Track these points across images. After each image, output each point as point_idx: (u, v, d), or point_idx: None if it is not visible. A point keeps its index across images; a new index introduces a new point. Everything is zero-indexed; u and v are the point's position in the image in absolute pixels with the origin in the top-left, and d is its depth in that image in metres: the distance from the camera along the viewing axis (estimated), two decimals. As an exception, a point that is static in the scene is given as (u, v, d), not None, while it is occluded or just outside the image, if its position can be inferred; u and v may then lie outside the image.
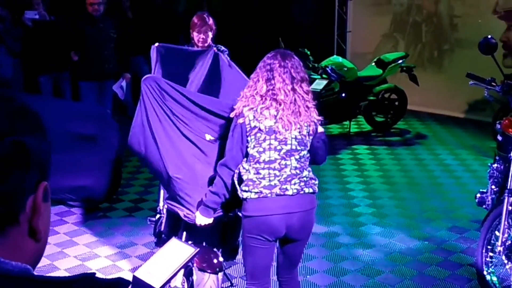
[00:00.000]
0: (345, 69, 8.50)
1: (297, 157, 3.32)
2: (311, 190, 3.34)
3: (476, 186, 6.02)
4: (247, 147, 3.33)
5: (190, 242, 3.54)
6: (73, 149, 5.90)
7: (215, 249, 3.75)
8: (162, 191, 4.64)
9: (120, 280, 0.99)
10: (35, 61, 7.77)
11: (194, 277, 3.62)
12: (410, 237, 5.50)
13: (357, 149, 8.36)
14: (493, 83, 4.93)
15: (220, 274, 3.69)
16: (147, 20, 9.38)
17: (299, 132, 3.32)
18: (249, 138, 3.31)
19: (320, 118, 3.42)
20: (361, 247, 5.29)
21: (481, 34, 5.64)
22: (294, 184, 3.28)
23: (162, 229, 4.16)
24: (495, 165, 4.79)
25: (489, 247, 4.28)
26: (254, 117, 3.29)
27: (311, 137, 3.39)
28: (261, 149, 3.28)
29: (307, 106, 3.35)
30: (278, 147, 3.29)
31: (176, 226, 3.87)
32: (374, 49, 11.07)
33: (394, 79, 9.38)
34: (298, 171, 3.31)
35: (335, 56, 9.48)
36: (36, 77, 8.03)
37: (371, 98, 8.87)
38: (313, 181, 3.38)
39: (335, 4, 11.63)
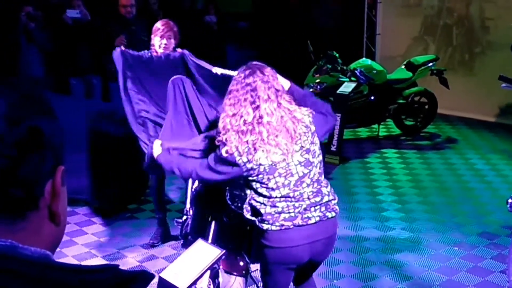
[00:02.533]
0: (374, 71, 8.43)
1: (308, 181, 3.12)
2: (333, 214, 3.19)
3: (508, 191, 5.91)
4: (249, 181, 3.13)
5: (216, 244, 3.54)
6: (102, 148, 5.96)
7: (241, 251, 3.73)
8: (189, 193, 4.64)
9: (144, 273, 0.98)
10: (68, 62, 7.84)
11: (220, 279, 3.61)
12: (440, 242, 5.41)
13: (386, 153, 8.29)
14: (526, 86, 4.85)
15: (246, 277, 3.67)
16: (177, 24, 9.42)
17: (300, 154, 3.10)
18: (250, 178, 3.10)
19: (307, 110, 3.20)
20: (390, 252, 5.23)
21: (514, 36, 5.54)
22: (315, 211, 3.12)
23: (189, 230, 4.15)
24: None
25: (521, 253, 4.20)
26: (248, 160, 3.04)
27: (314, 136, 3.17)
28: (269, 189, 3.08)
29: (294, 117, 3.12)
30: (286, 182, 3.08)
31: (203, 228, 3.86)
32: (404, 52, 10.98)
33: (424, 82, 9.28)
34: (316, 198, 3.13)
35: (364, 58, 9.43)
36: (67, 78, 8.11)
37: (401, 101, 8.78)
38: (333, 202, 3.21)
39: (364, 6, 11.56)
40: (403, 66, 8.96)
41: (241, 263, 3.65)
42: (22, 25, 7.74)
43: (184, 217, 4.47)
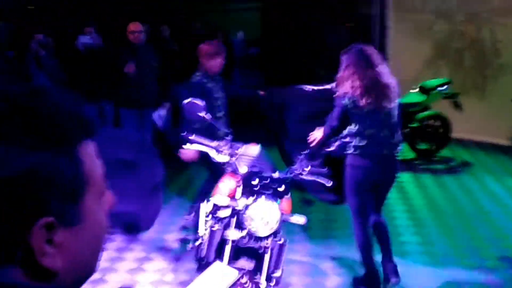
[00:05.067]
0: (387, 95, 8.42)
1: (387, 127, 4.50)
2: (396, 153, 4.59)
3: (526, 214, 5.86)
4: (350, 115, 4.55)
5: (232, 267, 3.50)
6: (113, 174, 5.96)
7: (257, 274, 3.69)
8: (202, 217, 4.61)
9: None
10: (80, 89, 7.90)
11: (237, 304, 3.56)
12: (458, 266, 5.35)
13: (400, 177, 8.22)
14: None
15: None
16: (190, 50, 9.52)
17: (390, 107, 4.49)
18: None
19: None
20: (407, 277, 5.16)
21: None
22: (387, 148, 4.52)
23: (203, 255, 4.12)
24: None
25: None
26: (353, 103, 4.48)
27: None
28: (361, 128, 4.49)
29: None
30: (375, 123, 4.45)
31: (219, 251, 3.83)
32: (415, 75, 10.96)
33: (438, 106, 9.26)
34: (389, 138, 4.52)
35: (376, 82, 9.41)
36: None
37: (415, 125, 8.76)
38: (397, 146, 4.58)
39: (375, 31, 11.60)
40: (416, 90, 8.95)
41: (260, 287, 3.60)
42: (33, 52, 7.82)
43: (199, 241, 4.44)
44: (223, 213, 4.04)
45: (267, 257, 3.73)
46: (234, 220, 3.80)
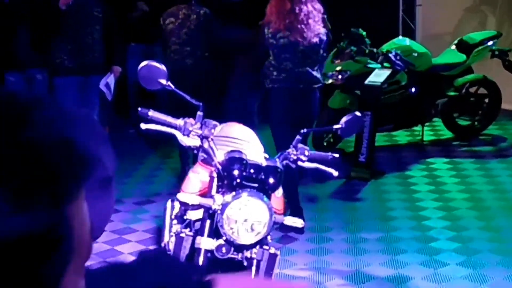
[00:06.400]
0: (415, 54, 8.44)
1: (306, 64, 6.22)
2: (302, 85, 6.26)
3: None
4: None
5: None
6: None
7: None
8: (167, 222, 4.61)
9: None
10: (3, 53, 7.81)
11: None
12: (509, 280, 5.39)
13: (433, 164, 8.29)
14: None
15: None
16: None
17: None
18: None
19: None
20: (441, 282, 5.22)
21: None
22: (302, 83, 6.23)
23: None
24: None
25: None
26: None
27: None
28: (278, 62, 6.11)
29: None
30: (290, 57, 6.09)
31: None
32: (454, 28, 10.99)
33: (483, 67, 9.28)
34: (306, 74, 6.22)
35: (400, 37, 9.43)
36: (2, 74, 8.08)
37: (452, 93, 8.79)
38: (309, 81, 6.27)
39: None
40: (453, 47, 8.98)
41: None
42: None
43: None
44: (194, 215, 4.04)
45: (253, 271, 3.74)
46: (208, 224, 3.79)
